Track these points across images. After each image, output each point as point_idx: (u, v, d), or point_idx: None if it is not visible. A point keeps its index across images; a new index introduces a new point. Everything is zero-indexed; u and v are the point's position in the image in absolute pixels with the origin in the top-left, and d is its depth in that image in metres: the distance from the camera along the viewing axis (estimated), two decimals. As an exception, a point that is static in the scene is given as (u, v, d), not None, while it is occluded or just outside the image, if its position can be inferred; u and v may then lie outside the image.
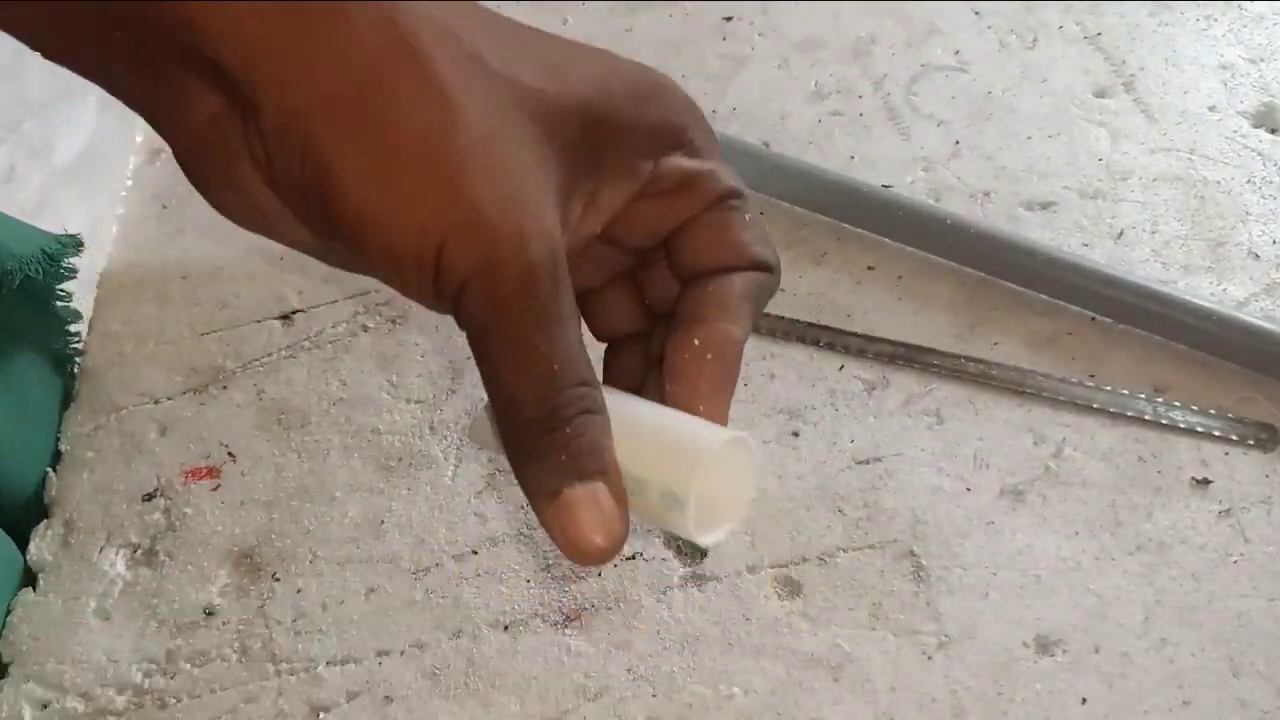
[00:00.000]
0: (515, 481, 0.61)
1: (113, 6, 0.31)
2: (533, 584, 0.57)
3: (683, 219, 0.37)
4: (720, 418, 0.36)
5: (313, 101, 0.30)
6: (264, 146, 0.32)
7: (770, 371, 0.63)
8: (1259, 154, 0.70)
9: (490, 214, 0.31)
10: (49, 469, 0.62)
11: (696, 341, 0.36)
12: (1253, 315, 0.63)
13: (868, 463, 0.60)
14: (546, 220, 0.32)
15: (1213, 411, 0.60)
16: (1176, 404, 0.60)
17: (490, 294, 0.32)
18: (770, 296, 0.38)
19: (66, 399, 0.65)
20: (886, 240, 0.67)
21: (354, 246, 0.32)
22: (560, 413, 0.32)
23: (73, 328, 0.64)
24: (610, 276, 0.39)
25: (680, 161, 0.36)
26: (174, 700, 0.55)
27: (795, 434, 0.61)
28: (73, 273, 0.61)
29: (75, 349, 0.64)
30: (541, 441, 0.33)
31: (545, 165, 0.33)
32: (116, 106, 0.33)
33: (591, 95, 0.34)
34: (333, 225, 0.32)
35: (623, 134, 0.35)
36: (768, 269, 0.37)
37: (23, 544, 0.60)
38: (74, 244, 0.60)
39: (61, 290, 0.61)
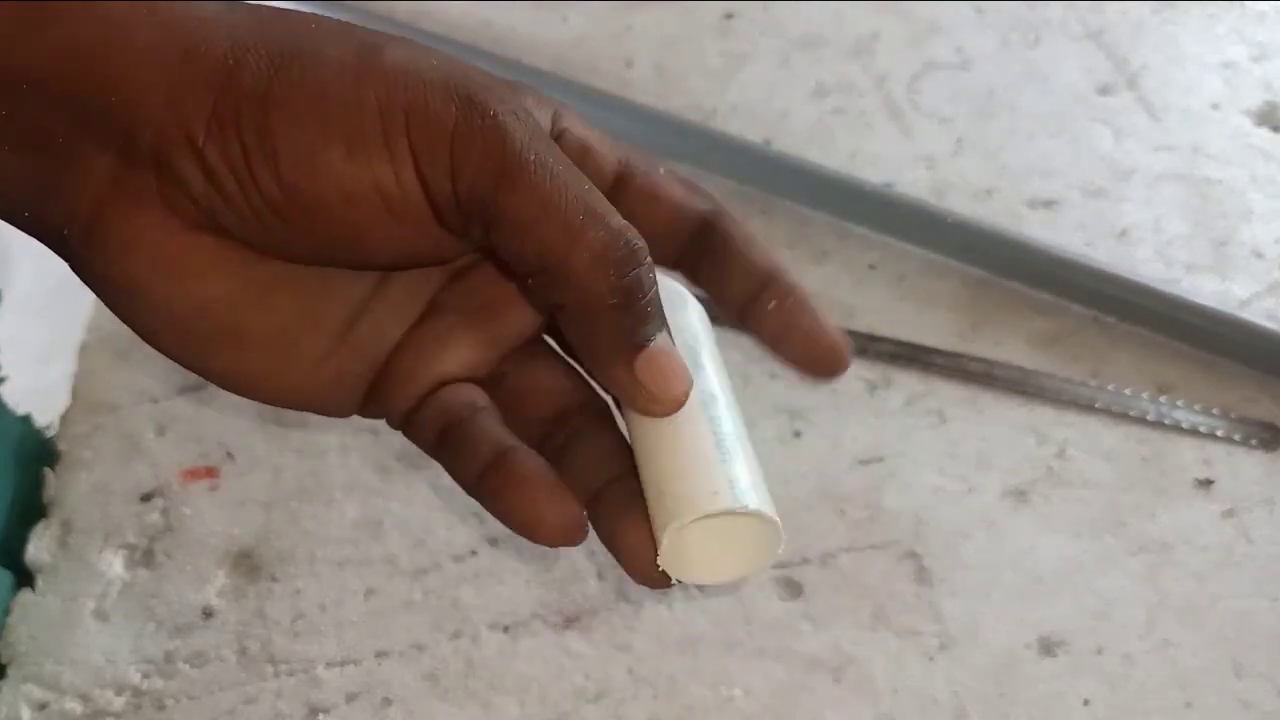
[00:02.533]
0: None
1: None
2: (532, 585, 0.57)
3: (604, 188, 0.36)
4: (839, 338, 0.38)
5: (243, 81, 0.31)
6: (203, 168, 0.31)
7: (772, 371, 0.63)
8: (1262, 152, 0.70)
9: (445, 74, 0.31)
10: (47, 469, 0.62)
11: (773, 304, 0.37)
12: (1256, 314, 0.62)
13: (869, 463, 0.60)
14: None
15: (1216, 412, 0.60)
16: (1179, 404, 0.60)
17: (491, 143, 0.31)
18: (739, 222, 0.38)
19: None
20: (888, 239, 0.67)
21: (320, 190, 0.31)
22: (635, 250, 0.32)
23: None
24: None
25: (573, 124, 0.36)
26: (172, 701, 0.55)
27: (797, 434, 0.61)
28: None
29: None
30: (625, 289, 0.32)
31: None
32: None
33: (462, 74, 0.34)
34: (296, 189, 0.31)
35: (513, 91, 0.35)
36: (718, 217, 0.37)
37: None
38: None
39: None
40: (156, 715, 0.54)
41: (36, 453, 0.62)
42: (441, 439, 0.37)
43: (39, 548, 0.59)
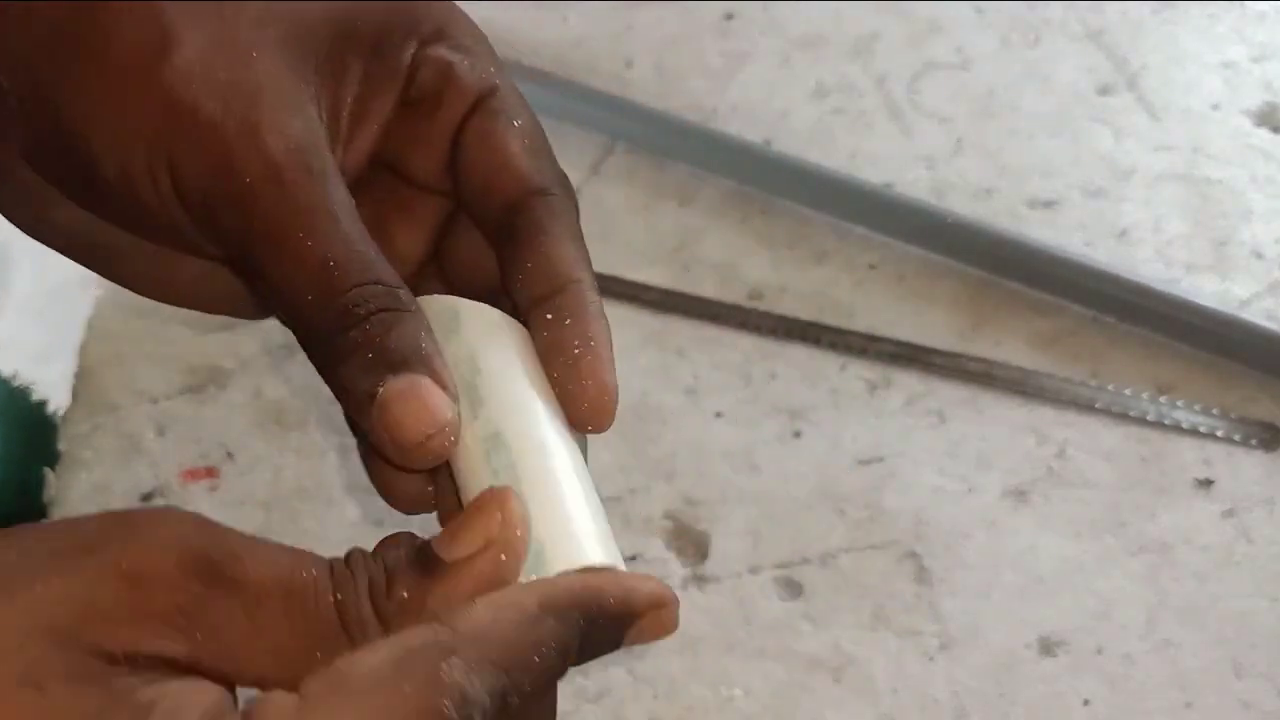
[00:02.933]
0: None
1: None
2: (533, 585, 0.57)
3: (454, 125, 0.35)
4: (605, 383, 0.32)
5: (36, 45, 0.31)
6: (16, 118, 0.32)
7: (772, 371, 0.63)
8: (1262, 152, 0.70)
9: (212, 112, 0.30)
10: (47, 469, 0.62)
11: (549, 316, 0.33)
12: (1256, 314, 0.62)
13: (870, 463, 0.60)
14: (282, 112, 0.31)
15: (1215, 412, 0.60)
16: (1179, 404, 0.60)
17: (235, 196, 0.30)
18: (576, 213, 0.35)
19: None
20: (888, 239, 0.67)
21: (94, 187, 0.32)
22: (353, 310, 0.30)
23: None
24: (440, 226, 0.37)
25: (439, 52, 0.34)
26: (172, 701, 0.55)
27: (797, 434, 0.61)
28: None
29: None
30: (339, 344, 0.30)
31: (293, 76, 0.32)
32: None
33: (337, 8, 0.33)
34: (75, 170, 0.32)
35: (376, 36, 0.34)
36: (540, 196, 0.34)
37: None
38: None
39: None
40: (156, 715, 0.54)
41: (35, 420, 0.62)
42: None
43: (39, 548, 0.59)
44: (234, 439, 0.62)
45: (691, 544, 0.58)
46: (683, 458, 0.60)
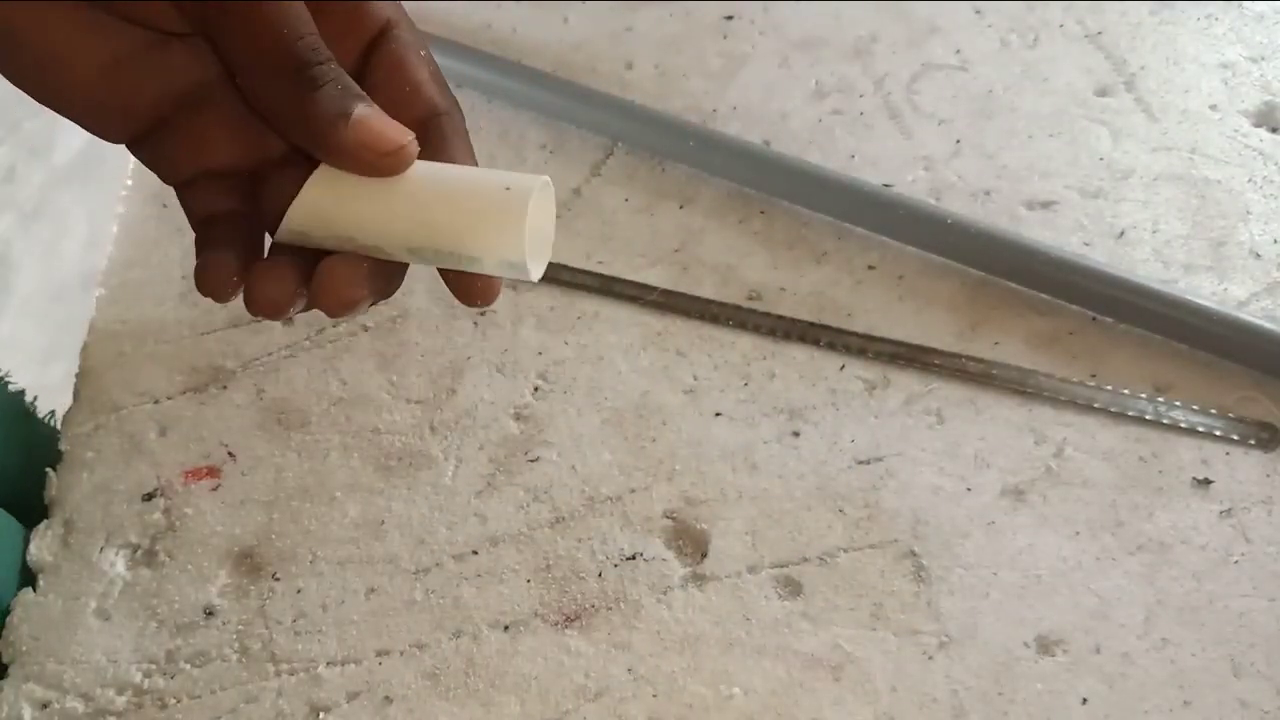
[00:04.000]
0: (515, 481, 0.61)
1: None
2: (532, 584, 0.57)
3: (362, 45, 0.39)
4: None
5: None
6: None
7: (771, 371, 0.63)
8: (1260, 153, 0.70)
9: None
10: (49, 469, 0.62)
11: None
12: (1254, 314, 0.63)
13: (868, 462, 0.60)
14: None
15: (1214, 411, 0.60)
16: (1177, 404, 0.60)
17: None
18: (466, 129, 0.40)
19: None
20: (887, 239, 0.67)
21: None
22: (314, 50, 0.35)
23: None
24: None
25: (404, 31, 0.39)
26: (173, 700, 0.55)
27: (796, 434, 0.61)
28: None
29: None
30: (311, 74, 0.35)
31: None
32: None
33: None
34: None
35: None
36: (451, 113, 0.39)
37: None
38: None
39: None
40: (158, 714, 0.55)
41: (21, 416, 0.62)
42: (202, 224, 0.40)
43: (41, 547, 0.60)
44: (235, 439, 0.63)
45: (691, 543, 0.58)
46: (683, 458, 0.60)
